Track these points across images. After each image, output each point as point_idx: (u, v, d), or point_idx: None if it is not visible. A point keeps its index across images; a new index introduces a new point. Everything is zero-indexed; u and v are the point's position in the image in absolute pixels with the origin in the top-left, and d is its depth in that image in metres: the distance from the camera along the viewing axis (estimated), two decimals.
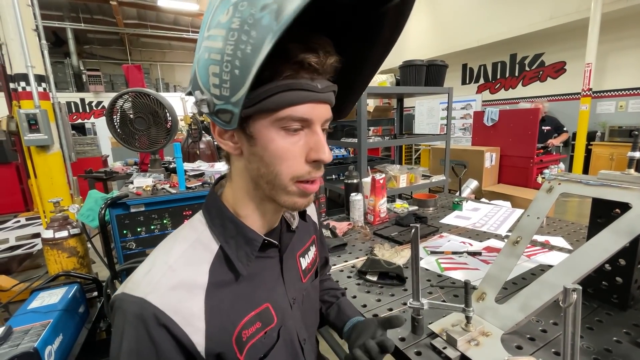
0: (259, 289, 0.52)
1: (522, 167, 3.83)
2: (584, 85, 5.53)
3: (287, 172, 0.46)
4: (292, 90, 0.42)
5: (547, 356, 0.68)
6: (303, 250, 0.65)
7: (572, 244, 1.24)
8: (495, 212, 1.68)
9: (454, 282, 1.01)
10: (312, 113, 0.45)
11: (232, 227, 0.50)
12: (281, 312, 0.55)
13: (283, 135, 0.45)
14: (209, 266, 0.47)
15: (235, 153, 0.48)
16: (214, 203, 0.52)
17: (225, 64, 0.38)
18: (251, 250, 0.50)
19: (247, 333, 0.48)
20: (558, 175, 0.90)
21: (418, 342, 0.74)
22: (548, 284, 0.74)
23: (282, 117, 0.43)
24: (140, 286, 0.43)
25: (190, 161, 2.02)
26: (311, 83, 0.43)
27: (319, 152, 0.46)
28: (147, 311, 0.41)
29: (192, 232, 0.50)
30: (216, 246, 0.49)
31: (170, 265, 0.45)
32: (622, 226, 0.72)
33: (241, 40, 0.36)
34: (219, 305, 0.46)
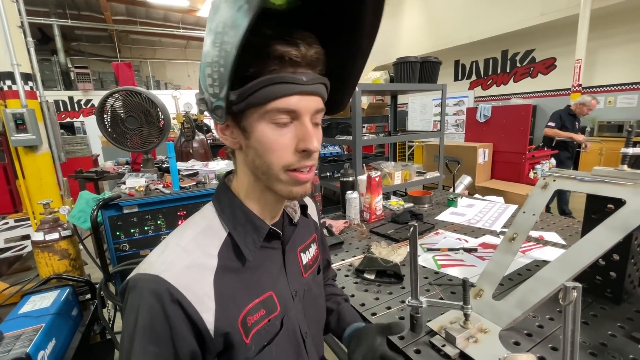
0: (263, 277, 0.55)
1: (515, 163, 3.88)
2: (574, 81, 5.60)
3: (278, 162, 0.49)
4: (275, 83, 0.44)
5: (544, 352, 0.68)
6: (304, 246, 0.67)
7: (566, 239, 1.25)
8: (490, 208, 1.70)
9: (451, 279, 1.01)
10: (298, 105, 0.47)
11: (241, 215, 0.53)
12: (284, 302, 0.57)
13: (272, 127, 0.47)
14: (217, 250, 0.50)
15: (236, 147, 0.52)
16: (225, 193, 0.55)
17: (214, 65, 0.41)
18: (258, 237, 0.54)
19: (252, 319, 0.51)
20: (553, 172, 0.91)
21: (417, 341, 0.74)
22: (544, 280, 0.75)
23: (269, 109, 0.46)
24: (155, 265, 0.46)
25: (184, 160, 1.99)
26: (294, 76, 0.45)
27: (306, 141, 0.48)
28: (162, 287, 0.44)
29: (203, 219, 0.53)
30: (225, 233, 0.52)
31: (183, 247, 0.48)
32: (616, 222, 0.72)
33: (224, 41, 0.40)
34: (226, 288, 0.49)
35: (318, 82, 0.48)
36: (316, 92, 0.48)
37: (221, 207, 0.54)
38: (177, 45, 12.00)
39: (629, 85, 5.61)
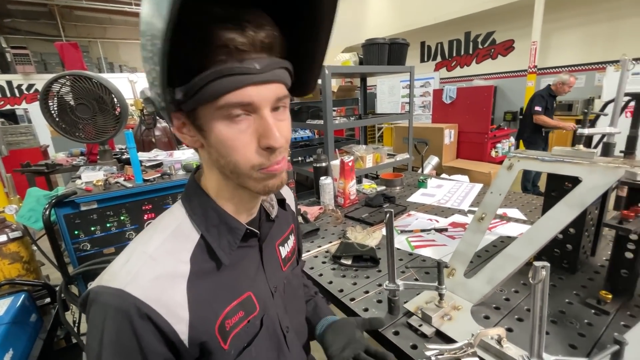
0: (240, 278, 0.52)
1: (478, 143, 4.07)
2: (530, 63, 5.89)
3: (244, 161, 0.45)
4: (224, 76, 0.40)
5: (511, 323, 0.73)
6: (282, 239, 0.65)
7: (527, 214, 1.34)
8: (457, 188, 1.77)
9: (424, 260, 1.05)
10: (253, 96, 0.42)
11: (214, 216, 0.50)
12: (263, 301, 0.55)
13: (227, 123, 0.43)
14: (190, 255, 0.47)
15: (196, 146, 0.47)
16: (195, 191, 0.51)
17: (149, 62, 0.36)
18: (234, 239, 0.50)
19: (230, 322, 0.48)
20: (517, 153, 0.95)
21: (395, 322, 0.76)
22: (511, 256, 0.79)
23: (221, 105, 0.41)
24: (119, 277, 0.42)
25: (146, 150, 1.86)
26: (245, 65, 0.40)
27: (268, 138, 0.43)
28: (128, 302, 0.40)
29: (172, 221, 0.49)
30: (197, 235, 0.49)
31: (150, 255, 0.44)
32: (573, 199, 0.77)
33: (152, 34, 0.34)
34: (201, 295, 0.46)
35: (276, 67, 0.43)
36: (274, 79, 0.43)
37: (192, 208, 0.50)
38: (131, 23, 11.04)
39: (578, 67, 6.00)
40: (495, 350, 0.61)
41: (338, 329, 0.65)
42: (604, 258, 0.97)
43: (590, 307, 0.76)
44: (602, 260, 0.96)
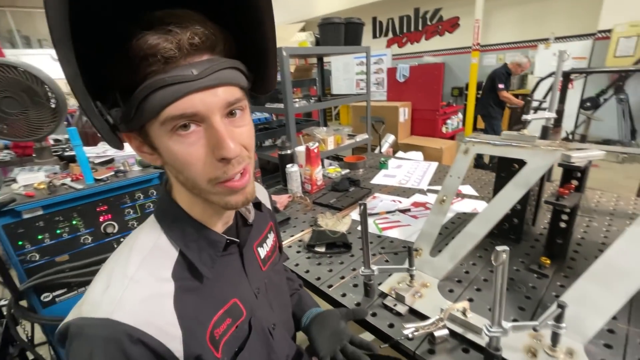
0: (224, 286, 0.52)
1: (430, 120, 4.29)
2: (474, 40, 6.22)
3: (200, 176, 0.42)
4: (156, 90, 0.37)
5: (472, 293, 0.83)
6: (260, 240, 0.66)
7: (478, 190, 1.48)
8: (415, 167, 1.88)
9: (392, 241, 1.12)
10: (196, 105, 0.39)
11: (192, 231, 0.49)
12: (249, 305, 0.56)
13: (176, 138, 0.40)
14: (170, 272, 0.46)
15: (157, 163, 0.46)
16: (169, 207, 0.50)
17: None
18: (215, 252, 0.50)
19: (219, 331, 0.49)
20: (472, 138, 1.03)
21: (372, 304, 0.82)
22: (470, 234, 0.88)
23: (163, 120, 0.39)
24: (102, 306, 0.40)
25: (90, 144, 1.69)
26: (179, 73, 0.37)
27: (219, 149, 0.40)
28: (117, 330, 0.38)
29: (148, 239, 0.47)
30: (176, 252, 0.48)
31: (131, 278, 0.42)
32: (520, 179, 0.87)
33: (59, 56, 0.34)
34: (188, 310, 0.45)
35: (219, 68, 0.39)
36: (218, 82, 0.40)
37: (167, 224, 0.49)
38: None
39: (514, 44, 6.47)
40: (462, 320, 0.70)
41: (323, 321, 0.68)
42: (542, 227, 1.12)
43: (533, 272, 0.88)
44: (541, 228, 1.11)
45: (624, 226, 1.08)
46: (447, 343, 0.68)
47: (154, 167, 1.38)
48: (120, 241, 1.33)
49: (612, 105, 4.92)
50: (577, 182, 0.88)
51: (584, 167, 0.85)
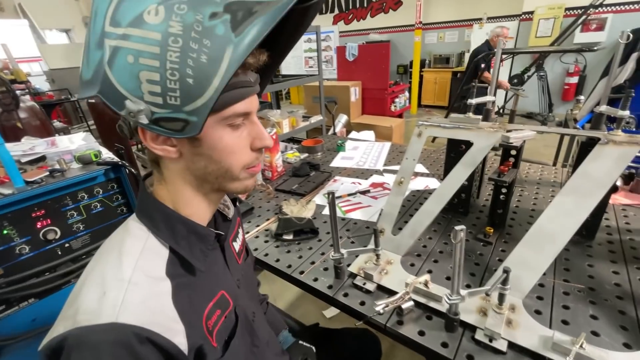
0: (212, 279, 0.55)
1: (379, 98, 4.42)
2: (416, 18, 6.43)
3: (238, 163, 0.50)
4: (234, 88, 0.44)
5: (430, 265, 0.92)
6: (234, 235, 0.69)
7: (428, 167, 1.59)
8: (371, 148, 1.95)
9: (356, 223, 1.18)
10: (250, 106, 0.48)
11: (182, 228, 0.51)
12: (234, 294, 0.59)
13: (230, 131, 0.47)
14: (164, 271, 0.47)
15: (174, 157, 0.47)
16: (155, 207, 0.51)
17: (170, 72, 0.37)
18: (206, 245, 0.53)
19: (211, 322, 0.52)
20: (425, 122, 1.10)
21: (343, 285, 0.87)
22: (426, 212, 0.96)
23: (227, 115, 0.45)
24: (104, 311, 0.40)
25: (11, 139, 1.46)
26: (247, 78, 0.46)
27: (263, 140, 0.51)
28: (125, 333, 0.39)
29: (136, 242, 0.48)
30: (166, 250, 0.49)
31: (129, 280, 0.43)
32: (467, 159, 0.96)
33: (190, 48, 0.36)
34: (186, 304, 0.47)
35: (258, 80, 0.50)
36: (258, 90, 0.50)
37: (154, 224, 0.50)
38: None
39: (452, 23, 6.83)
40: (424, 291, 0.77)
41: None
42: (485, 199, 1.26)
43: (480, 241, 1.00)
44: (484, 200, 1.25)
45: (548, 193, 1.26)
46: (413, 313, 0.76)
47: (103, 163, 1.26)
48: (66, 247, 1.21)
49: (534, 81, 5.51)
50: (514, 159, 1.00)
51: (519, 146, 0.96)
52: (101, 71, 0.40)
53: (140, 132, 0.45)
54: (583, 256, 0.90)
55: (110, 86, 0.40)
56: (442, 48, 7.04)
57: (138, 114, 0.39)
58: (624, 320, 0.70)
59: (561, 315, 0.72)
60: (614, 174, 0.75)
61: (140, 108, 0.39)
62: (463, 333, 0.70)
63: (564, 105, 5.61)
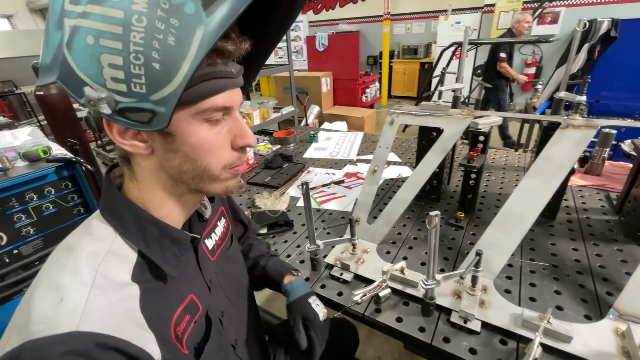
0: (182, 284, 0.51)
1: (350, 89, 4.42)
2: (385, 9, 6.47)
3: (217, 162, 0.46)
4: (212, 79, 0.40)
5: (406, 252, 0.93)
6: (207, 232, 0.64)
7: (400, 156, 1.61)
8: (343, 138, 1.94)
9: (331, 214, 1.16)
10: (231, 100, 0.44)
11: (154, 230, 0.47)
12: (204, 298, 0.55)
13: (207, 127, 0.43)
14: (130, 276, 0.43)
15: (145, 153, 0.43)
16: (124, 206, 0.46)
17: (134, 55, 0.33)
18: (179, 250, 0.49)
19: (180, 329, 0.48)
20: (396, 110, 1.10)
21: (320, 277, 0.86)
22: (400, 200, 0.96)
23: (204, 108, 0.41)
24: (62, 320, 0.35)
25: None
26: (228, 69, 0.42)
27: (245, 138, 0.47)
28: (89, 342, 0.35)
29: (100, 243, 0.44)
30: (134, 254, 0.45)
31: (91, 284, 0.39)
32: (438, 146, 0.97)
33: (156, 28, 0.32)
34: (153, 310, 0.44)
35: (242, 72, 0.46)
36: (241, 83, 0.46)
37: (122, 224, 0.45)
38: None
39: (419, 14, 6.94)
40: (401, 278, 0.78)
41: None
42: (455, 185, 1.29)
43: (452, 226, 1.03)
44: (454, 186, 1.28)
45: (513, 177, 1.32)
46: (390, 300, 0.76)
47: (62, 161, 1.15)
48: (14, 253, 1.10)
49: None
50: (482, 145, 1.02)
51: (487, 132, 0.99)
52: (60, 54, 0.35)
53: (106, 125, 0.40)
54: (546, 236, 0.95)
55: (69, 71, 0.35)
56: (410, 39, 7.15)
57: (99, 103, 0.34)
58: (584, 294, 0.74)
59: (529, 293, 0.75)
60: (574, 155, 0.79)
61: (101, 96, 0.34)
62: (439, 316, 0.71)
63: (524, 94, 5.91)
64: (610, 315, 0.65)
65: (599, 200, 1.12)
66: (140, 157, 0.44)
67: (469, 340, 0.65)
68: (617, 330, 0.63)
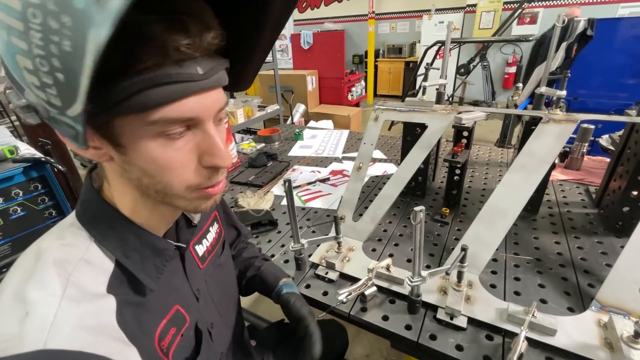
0: (166, 294, 0.47)
1: (336, 87, 4.41)
2: (370, 8, 6.49)
3: (179, 182, 0.38)
4: (158, 85, 0.31)
5: (391, 249, 0.92)
6: (198, 237, 0.59)
7: (386, 153, 1.60)
8: (329, 136, 1.92)
9: (316, 212, 1.14)
10: (195, 109, 0.35)
11: (133, 239, 0.42)
12: (191, 309, 0.51)
13: (162, 142, 0.35)
14: (105, 287, 0.39)
15: (103, 159, 0.37)
16: (102, 211, 0.41)
17: (38, 60, 0.26)
18: (161, 261, 0.45)
19: (165, 343, 0.44)
20: (380, 106, 1.09)
21: (305, 277, 0.83)
22: (386, 196, 0.95)
23: (154, 120, 0.33)
24: (27, 337, 0.31)
25: None
26: (184, 70, 0.33)
27: (214, 157, 0.38)
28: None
29: (72, 250, 0.39)
30: (111, 263, 0.41)
31: (61, 296, 0.34)
32: (423, 142, 0.97)
33: (50, 27, 0.24)
34: (132, 325, 0.40)
35: (219, 69, 0.37)
36: (217, 83, 0.37)
37: (100, 231, 0.40)
38: None
39: (403, 14, 7.01)
40: (387, 276, 0.77)
41: None
42: (440, 181, 1.29)
43: (437, 222, 1.02)
44: (439, 182, 1.28)
45: (496, 173, 1.33)
46: (376, 298, 0.75)
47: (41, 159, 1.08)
48: None
49: (478, 71, 5.85)
50: (466, 140, 1.02)
51: (471, 127, 0.99)
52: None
53: None
54: (529, 230, 0.96)
55: (6, 70, 0.31)
56: (395, 38, 7.21)
57: (25, 111, 0.31)
58: (567, 286, 0.75)
59: (513, 287, 0.75)
60: (555, 149, 0.79)
61: (31, 100, 0.30)
62: (425, 314, 0.70)
63: (505, 93, 6.05)
64: (593, 307, 0.66)
65: (579, 194, 1.14)
66: (106, 162, 0.39)
67: (456, 337, 0.64)
68: (600, 321, 0.63)
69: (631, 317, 0.62)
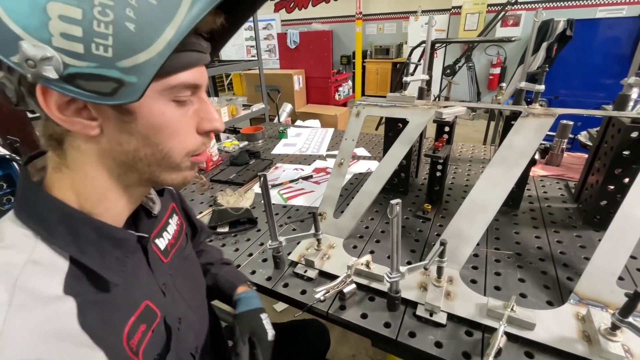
0: (132, 289, 0.44)
1: (323, 87, 4.40)
2: (357, 9, 6.51)
3: (180, 148, 0.41)
4: (185, 51, 0.35)
5: (373, 246, 0.90)
6: (158, 231, 0.56)
7: (370, 151, 1.59)
8: (314, 134, 1.90)
9: (297, 209, 1.12)
10: (201, 77, 0.40)
11: (89, 232, 0.39)
12: (160, 303, 0.49)
13: (174, 107, 0.38)
14: (62, 288, 0.36)
15: (93, 134, 0.36)
16: (48, 205, 0.38)
17: (99, 9, 0.26)
18: (123, 253, 0.43)
19: (134, 342, 0.41)
20: (362, 101, 1.07)
21: (283, 275, 0.81)
22: (367, 193, 0.93)
23: (174, 84, 0.36)
24: None
25: None
26: (199, 42, 0.38)
27: (212, 121, 0.43)
28: None
29: (14, 252, 0.35)
30: (65, 261, 0.37)
31: (8, 304, 0.31)
32: (404, 137, 0.95)
33: None
34: (97, 325, 0.37)
35: (209, 49, 0.41)
36: (208, 60, 0.41)
37: (47, 227, 0.37)
38: None
39: (390, 15, 7.06)
40: (366, 273, 0.75)
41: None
42: (423, 177, 1.28)
43: (419, 218, 1.01)
44: (422, 179, 1.27)
45: (479, 169, 1.33)
46: (356, 296, 0.73)
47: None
48: None
49: (464, 72, 5.94)
50: (447, 135, 1.01)
51: (452, 122, 0.98)
52: None
53: (40, 94, 0.32)
54: (510, 225, 0.96)
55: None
56: (382, 39, 7.24)
57: (41, 64, 0.27)
58: (546, 280, 0.74)
59: (494, 282, 0.74)
60: (534, 143, 0.79)
61: (45, 55, 0.27)
62: (405, 311, 0.68)
63: (490, 93, 6.15)
64: (571, 300, 0.65)
65: (559, 189, 1.15)
66: (81, 138, 0.37)
67: (435, 334, 0.62)
68: (578, 314, 0.62)
69: (608, 310, 0.62)
